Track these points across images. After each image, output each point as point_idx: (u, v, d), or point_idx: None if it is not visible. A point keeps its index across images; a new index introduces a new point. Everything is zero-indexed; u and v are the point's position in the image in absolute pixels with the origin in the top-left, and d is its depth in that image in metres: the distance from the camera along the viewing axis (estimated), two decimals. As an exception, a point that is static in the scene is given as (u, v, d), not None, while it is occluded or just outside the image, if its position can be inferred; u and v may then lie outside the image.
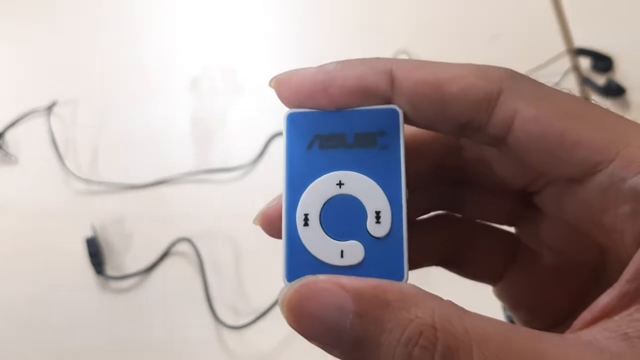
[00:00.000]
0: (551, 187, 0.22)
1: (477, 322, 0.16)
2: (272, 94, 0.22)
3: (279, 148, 0.68)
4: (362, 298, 0.17)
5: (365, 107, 0.20)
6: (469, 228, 0.25)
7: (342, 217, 0.19)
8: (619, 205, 0.18)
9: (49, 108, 0.69)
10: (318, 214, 0.19)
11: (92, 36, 0.75)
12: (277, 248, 0.20)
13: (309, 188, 0.20)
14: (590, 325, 0.18)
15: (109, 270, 0.61)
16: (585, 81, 0.66)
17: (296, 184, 0.20)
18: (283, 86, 0.21)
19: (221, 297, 0.59)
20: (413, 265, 0.20)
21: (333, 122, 0.20)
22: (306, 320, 0.17)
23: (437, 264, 0.25)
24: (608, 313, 0.18)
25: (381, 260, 0.19)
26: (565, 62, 0.67)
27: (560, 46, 0.68)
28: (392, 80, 0.19)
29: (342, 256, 0.19)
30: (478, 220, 0.25)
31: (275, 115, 0.70)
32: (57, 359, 0.58)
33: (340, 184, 0.19)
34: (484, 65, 0.19)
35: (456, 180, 0.25)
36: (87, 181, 0.65)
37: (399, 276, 0.19)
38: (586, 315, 0.18)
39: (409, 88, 0.19)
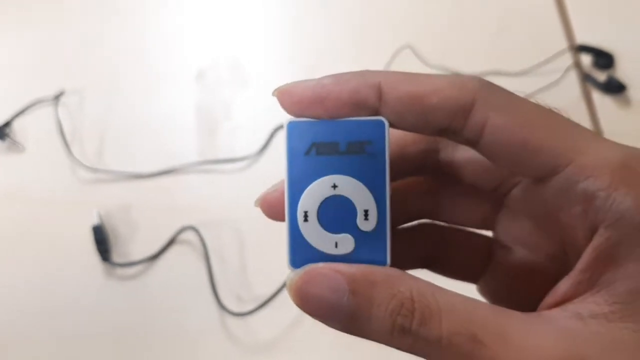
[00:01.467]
0: (518, 188, 0.25)
1: (447, 296, 0.20)
2: (276, 86, 0.24)
3: (282, 140, 0.68)
4: (355, 280, 0.21)
5: (356, 117, 0.23)
6: (447, 234, 0.28)
7: (336, 214, 0.23)
8: (573, 205, 0.21)
9: (56, 97, 0.70)
10: (316, 211, 0.23)
11: (100, 26, 0.75)
12: (280, 238, 0.23)
13: (307, 189, 0.23)
14: (551, 308, 0.21)
15: (115, 257, 0.61)
16: (586, 77, 0.67)
17: (296, 185, 0.23)
18: (285, 97, 0.23)
19: (225, 285, 0.60)
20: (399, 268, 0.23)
21: (328, 131, 0.23)
22: (310, 300, 0.21)
23: (421, 267, 0.28)
24: (567, 298, 0.21)
25: (368, 249, 0.22)
26: (567, 59, 0.68)
27: (562, 43, 0.69)
28: (380, 93, 0.22)
29: (336, 246, 0.22)
30: (455, 226, 0.28)
31: (280, 108, 0.70)
32: (63, 344, 0.59)
33: (334, 186, 0.23)
34: (461, 77, 0.22)
35: (434, 190, 0.28)
36: (94, 170, 0.66)
37: (383, 262, 0.22)
38: (548, 299, 0.21)
39: (394, 100, 0.22)
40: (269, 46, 0.74)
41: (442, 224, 0.28)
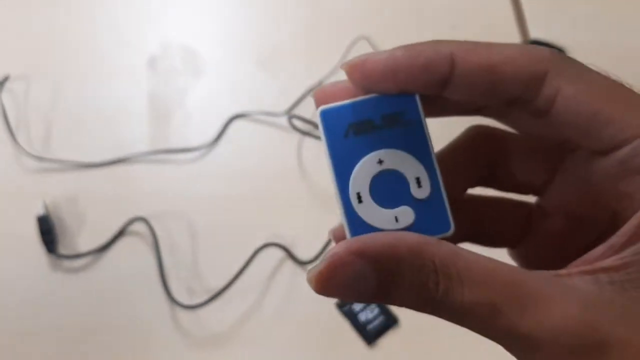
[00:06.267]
0: (575, 156, 0.25)
1: (469, 263, 0.20)
2: (232, 76, 0.23)
3: (238, 130, 0.68)
4: (378, 261, 0.20)
5: (386, 94, 0.23)
6: (489, 205, 0.28)
7: (388, 189, 0.22)
8: (632, 175, 0.21)
9: (1, 83, 0.67)
10: (368, 190, 0.22)
11: (48, 10, 0.73)
12: (233, 230, 0.22)
13: (355, 170, 0.22)
14: (576, 270, 0.21)
15: (62, 249, 0.60)
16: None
17: (343, 170, 0.22)
18: (355, 71, 0.22)
19: (176, 277, 0.59)
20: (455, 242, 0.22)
21: (360, 110, 0.22)
22: (335, 292, 0.20)
23: (464, 241, 0.28)
24: (594, 261, 0.21)
25: (430, 217, 0.22)
26: (520, 54, 0.68)
27: (515, 37, 0.70)
28: (452, 64, 0.22)
29: (397, 221, 0.22)
30: (497, 197, 0.28)
31: (234, 97, 0.70)
32: (5, 339, 0.57)
33: (380, 162, 0.22)
34: (532, 47, 0.22)
35: (490, 156, 0.27)
36: (40, 158, 0.64)
37: (447, 228, 0.22)
38: (577, 262, 0.21)
39: (467, 71, 0.22)
40: (223, 35, 0.73)
41: (485, 196, 0.28)
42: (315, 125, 0.66)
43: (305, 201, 0.63)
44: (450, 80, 0.22)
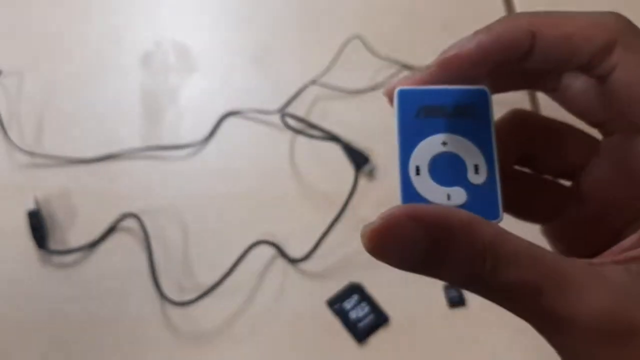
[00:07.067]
0: (619, 134, 0.25)
1: (515, 245, 0.20)
2: (225, 74, 0.23)
3: (231, 128, 0.68)
4: (432, 229, 0.20)
5: (460, 86, 0.24)
6: (528, 182, 0.29)
7: (447, 169, 0.23)
8: None
9: (-7, 77, 0.67)
10: (427, 166, 0.23)
11: (41, 6, 0.73)
12: (224, 227, 0.22)
13: (419, 145, 0.23)
14: (608, 259, 0.22)
15: (52, 244, 0.59)
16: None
17: (407, 143, 0.23)
18: (449, 65, 0.24)
19: (167, 274, 0.59)
20: None
21: (435, 96, 0.24)
22: (385, 252, 0.20)
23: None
24: (626, 250, 0.22)
25: (480, 202, 0.23)
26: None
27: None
28: (532, 38, 0.23)
29: (448, 199, 0.23)
30: (535, 175, 0.29)
31: (227, 94, 0.70)
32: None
33: (444, 143, 0.23)
34: (600, 15, 0.23)
35: (531, 136, 0.28)
36: (31, 154, 0.64)
37: (495, 215, 0.23)
38: (609, 252, 0.23)
39: (546, 43, 0.23)
40: (217, 33, 0.73)
41: (524, 170, 0.29)
42: (308, 124, 0.66)
43: (297, 199, 0.63)
44: (531, 52, 0.23)
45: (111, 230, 0.60)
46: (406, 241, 0.20)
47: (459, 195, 0.23)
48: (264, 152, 0.66)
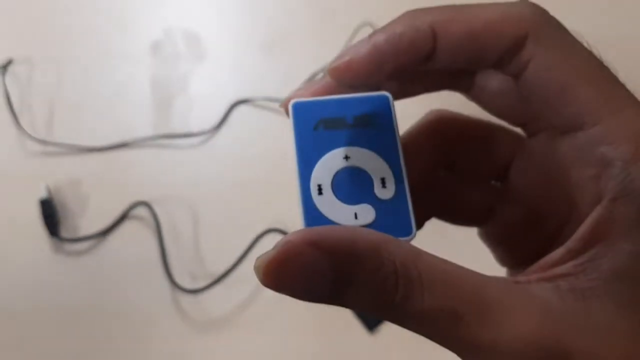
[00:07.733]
0: (540, 136, 0.24)
1: (430, 267, 0.18)
2: (235, 61, 0.23)
3: (241, 116, 0.67)
4: (336, 257, 0.18)
5: (360, 94, 0.23)
6: (454, 186, 0.28)
7: (351, 185, 0.21)
8: (588, 166, 0.20)
9: (4, 66, 0.67)
10: (330, 184, 0.21)
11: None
12: (235, 215, 0.21)
13: (319, 162, 0.22)
14: (537, 273, 0.20)
15: (64, 232, 0.60)
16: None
17: (307, 160, 0.22)
18: (342, 72, 0.22)
19: (178, 262, 0.59)
20: (422, 219, 0.22)
21: (333, 107, 0.22)
22: (284, 285, 0.18)
23: (431, 216, 0.27)
24: (555, 266, 0.20)
25: (390, 218, 0.21)
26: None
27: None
28: (434, 38, 0.21)
29: (356, 217, 0.21)
30: (463, 178, 0.28)
31: (238, 82, 0.69)
32: (8, 321, 0.57)
33: (346, 157, 0.22)
34: (512, 6, 0.21)
35: (450, 141, 0.26)
36: (43, 142, 0.64)
37: (408, 231, 0.21)
38: (540, 263, 0.20)
39: (449, 44, 0.21)
40: (227, 20, 0.73)
41: (451, 175, 0.27)
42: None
43: (307, 187, 0.62)
44: (433, 53, 0.22)
45: (122, 218, 0.60)
46: (308, 272, 0.18)
47: (366, 213, 0.21)
48: (275, 140, 0.65)
